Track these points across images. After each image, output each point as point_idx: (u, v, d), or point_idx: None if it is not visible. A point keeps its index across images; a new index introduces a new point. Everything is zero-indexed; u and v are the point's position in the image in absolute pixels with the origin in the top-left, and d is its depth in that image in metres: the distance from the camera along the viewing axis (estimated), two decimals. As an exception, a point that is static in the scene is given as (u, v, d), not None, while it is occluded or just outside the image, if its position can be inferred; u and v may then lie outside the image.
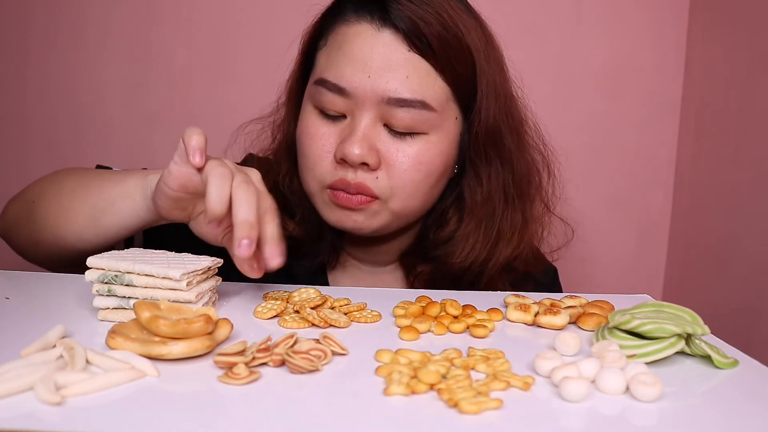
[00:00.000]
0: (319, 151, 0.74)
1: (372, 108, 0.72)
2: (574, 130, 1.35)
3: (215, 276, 0.62)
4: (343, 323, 0.58)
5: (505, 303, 0.66)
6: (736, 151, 1.15)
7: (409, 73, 0.71)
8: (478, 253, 0.80)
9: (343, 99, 0.72)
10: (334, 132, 0.74)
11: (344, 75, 0.72)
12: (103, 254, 0.59)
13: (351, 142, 0.71)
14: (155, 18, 1.30)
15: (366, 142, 0.71)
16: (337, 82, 0.72)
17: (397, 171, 0.73)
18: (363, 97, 0.71)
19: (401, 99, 0.71)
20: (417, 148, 0.74)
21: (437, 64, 0.72)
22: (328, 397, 0.45)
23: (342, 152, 0.71)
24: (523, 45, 1.34)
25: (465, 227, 0.80)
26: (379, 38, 0.72)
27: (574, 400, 0.45)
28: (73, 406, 0.41)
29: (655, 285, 1.39)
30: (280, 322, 0.58)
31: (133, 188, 0.67)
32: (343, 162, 0.72)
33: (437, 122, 0.74)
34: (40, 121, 1.32)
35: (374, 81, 0.71)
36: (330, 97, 0.73)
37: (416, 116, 0.72)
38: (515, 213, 0.81)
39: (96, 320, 0.57)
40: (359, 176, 0.73)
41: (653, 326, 0.53)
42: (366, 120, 0.72)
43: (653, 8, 1.32)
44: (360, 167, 0.72)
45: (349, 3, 0.75)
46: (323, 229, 0.81)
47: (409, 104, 0.71)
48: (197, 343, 0.49)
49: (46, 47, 1.30)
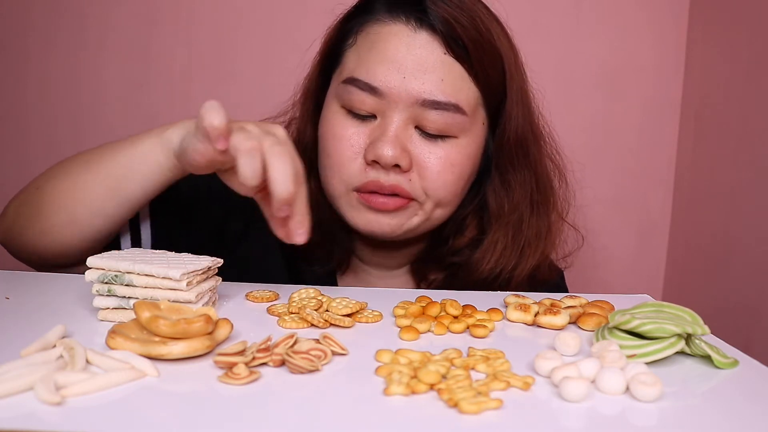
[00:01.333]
0: (347, 151, 0.72)
1: (405, 109, 0.71)
2: (574, 130, 1.35)
3: (215, 276, 0.62)
4: (348, 323, 0.58)
5: (505, 303, 0.66)
6: (736, 151, 1.15)
7: (444, 75, 0.71)
8: (507, 261, 0.79)
9: (375, 99, 0.71)
10: (363, 133, 0.72)
11: (377, 74, 0.71)
12: (103, 254, 0.59)
13: (384, 142, 0.70)
14: (155, 18, 1.30)
15: (398, 143, 0.71)
16: (370, 81, 0.71)
17: (429, 173, 0.72)
18: (397, 98, 0.70)
19: (435, 101, 0.70)
20: (448, 151, 0.73)
21: (471, 68, 0.72)
22: (328, 397, 0.45)
23: (375, 153, 0.70)
24: (523, 45, 1.33)
25: (493, 234, 0.79)
26: (415, 39, 0.71)
27: (574, 400, 0.45)
28: (73, 406, 0.41)
29: (655, 285, 1.39)
30: (279, 323, 0.58)
31: (150, 149, 0.66)
32: (375, 164, 0.71)
33: (468, 126, 0.73)
34: (40, 121, 1.32)
35: (409, 82, 0.70)
36: (361, 96, 0.71)
37: (449, 119, 0.72)
38: (540, 220, 0.81)
39: (96, 320, 0.57)
40: (392, 178, 0.72)
41: (653, 326, 0.53)
42: (398, 121, 0.71)
43: (653, 8, 1.32)
44: (392, 169, 0.71)
45: (380, 3, 0.74)
46: (336, 233, 0.80)
47: (443, 107, 0.71)
48: (197, 343, 0.49)
49: (46, 47, 1.30)
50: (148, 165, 0.66)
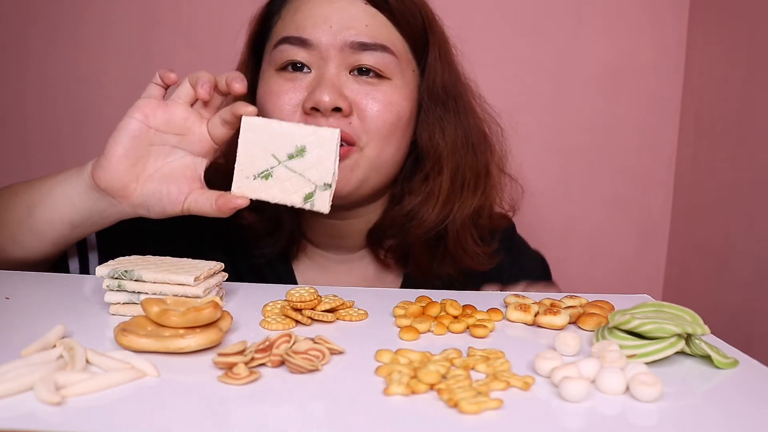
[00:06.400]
0: (285, 106, 0.75)
1: (336, 55, 0.74)
2: (574, 130, 1.35)
3: (221, 272, 0.64)
4: (329, 318, 0.59)
5: (505, 303, 0.66)
6: (736, 151, 1.15)
7: (368, 22, 0.75)
8: (451, 206, 0.81)
9: (307, 51, 0.75)
10: (300, 87, 0.75)
11: (306, 28, 0.75)
12: (109, 262, 0.60)
13: (321, 89, 0.72)
14: (155, 18, 1.30)
15: (335, 88, 0.73)
16: (300, 35, 0.75)
17: (369, 113, 0.75)
18: (327, 46, 0.74)
19: (364, 43, 0.74)
20: (384, 91, 0.76)
21: (393, 17, 0.77)
22: (328, 397, 0.45)
23: (313, 100, 0.72)
24: (524, 45, 1.34)
25: (434, 180, 0.81)
26: None
27: (574, 400, 0.45)
28: (73, 406, 0.41)
29: (655, 285, 1.39)
30: (262, 324, 0.58)
31: (68, 174, 0.69)
32: (314, 112, 0.73)
33: (399, 69, 0.77)
34: (40, 121, 1.32)
35: (336, 30, 0.74)
36: (294, 50, 0.75)
37: (379, 59, 0.75)
38: (477, 161, 0.83)
39: (96, 320, 0.57)
40: (333, 123, 0.73)
41: (653, 326, 0.53)
42: (332, 68, 0.74)
43: (653, 8, 1.32)
44: (332, 114, 0.73)
45: None
46: (281, 215, 0.81)
47: (372, 47, 0.75)
48: (213, 335, 0.50)
49: (46, 47, 1.30)
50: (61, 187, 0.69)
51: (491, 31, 1.32)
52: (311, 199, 0.63)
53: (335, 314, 0.61)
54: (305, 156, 0.62)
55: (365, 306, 0.64)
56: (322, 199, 0.63)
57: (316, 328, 0.58)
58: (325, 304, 0.60)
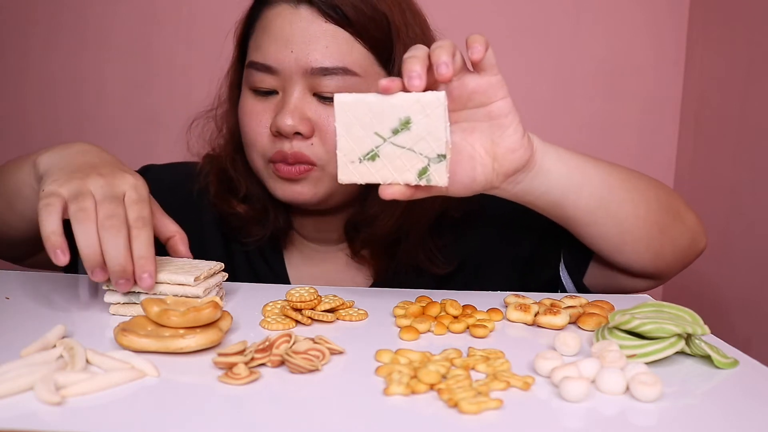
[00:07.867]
0: (256, 127, 0.78)
1: (299, 80, 0.76)
2: (574, 129, 1.35)
3: (221, 272, 0.64)
4: (329, 318, 0.59)
5: (505, 303, 0.66)
6: (736, 151, 1.15)
7: (329, 42, 0.76)
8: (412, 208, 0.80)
9: (272, 76, 0.77)
10: (269, 108, 0.78)
11: (269, 54, 0.76)
12: None
13: (283, 114, 0.75)
14: (156, 18, 1.30)
15: (297, 112, 0.75)
16: (264, 61, 0.77)
17: (329, 135, 0.76)
18: (289, 71, 0.76)
19: (324, 68, 0.75)
20: None
21: (355, 31, 0.77)
22: (328, 397, 0.45)
23: (276, 125, 0.75)
24: (523, 45, 1.34)
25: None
26: (296, 14, 0.76)
27: (574, 400, 0.45)
28: (73, 406, 0.41)
29: (655, 285, 1.39)
30: (262, 324, 0.58)
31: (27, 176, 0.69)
32: (279, 135, 0.76)
33: (363, 86, 0.77)
34: (41, 121, 1.32)
35: (297, 55, 0.75)
36: (260, 76, 0.77)
37: (340, 83, 0.76)
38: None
39: (96, 320, 0.58)
40: (295, 146, 0.76)
41: (653, 326, 0.53)
42: (296, 92, 0.76)
43: (653, 8, 1.32)
44: (294, 137, 0.76)
45: None
46: (268, 205, 0.84)
47: (332, 72, 0.75)
48: (213, 335, 0.50)
49: (47, 47, 1.30)
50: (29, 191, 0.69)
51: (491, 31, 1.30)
52: (426, 174, 0.57)
53: (335, 314, 0.61)
54: (411, 128, 0.56)
55: (365, 306, 0.64)
56: (438, 172, 0.57)
57: (316, 328, 0.58)
58: (325, 304, 0.60)
